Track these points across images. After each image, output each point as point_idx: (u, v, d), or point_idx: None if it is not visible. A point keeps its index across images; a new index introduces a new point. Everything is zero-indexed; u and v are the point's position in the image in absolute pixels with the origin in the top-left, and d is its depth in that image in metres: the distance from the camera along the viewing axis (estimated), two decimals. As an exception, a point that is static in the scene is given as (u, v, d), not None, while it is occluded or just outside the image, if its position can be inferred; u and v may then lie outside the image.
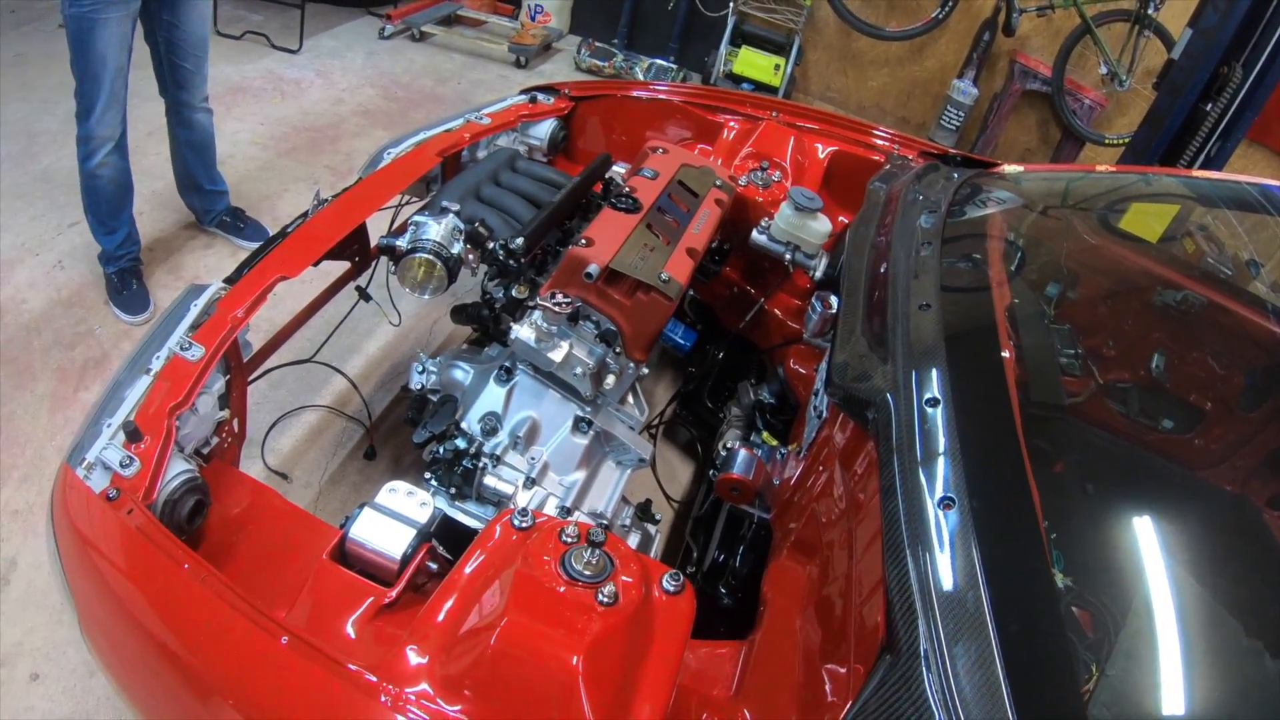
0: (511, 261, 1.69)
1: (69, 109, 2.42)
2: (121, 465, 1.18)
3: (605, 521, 1.71)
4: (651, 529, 1.88)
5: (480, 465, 1.59)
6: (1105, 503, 1.16)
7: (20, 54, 4.03)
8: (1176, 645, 0.94)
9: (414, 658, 0.99)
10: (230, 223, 2.99)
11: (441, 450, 1.61)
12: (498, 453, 1.67)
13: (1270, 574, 1.07)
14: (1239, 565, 1.09)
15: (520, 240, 1.68)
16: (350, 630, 1.12)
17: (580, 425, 1.73)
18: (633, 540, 1.81)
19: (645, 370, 1.81)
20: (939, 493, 1.05)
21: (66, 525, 1.16)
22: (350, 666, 0.97)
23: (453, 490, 1.60)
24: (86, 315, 2.63)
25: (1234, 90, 2.85)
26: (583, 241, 1.64)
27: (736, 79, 5.04)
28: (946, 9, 4.50)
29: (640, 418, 1.87)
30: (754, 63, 5.01)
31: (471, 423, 1.70)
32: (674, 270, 1.64)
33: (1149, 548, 1.07)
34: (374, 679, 0.96)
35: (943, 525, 1.01)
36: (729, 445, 1.80)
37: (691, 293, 2.47)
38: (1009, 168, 2.19)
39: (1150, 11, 4.24)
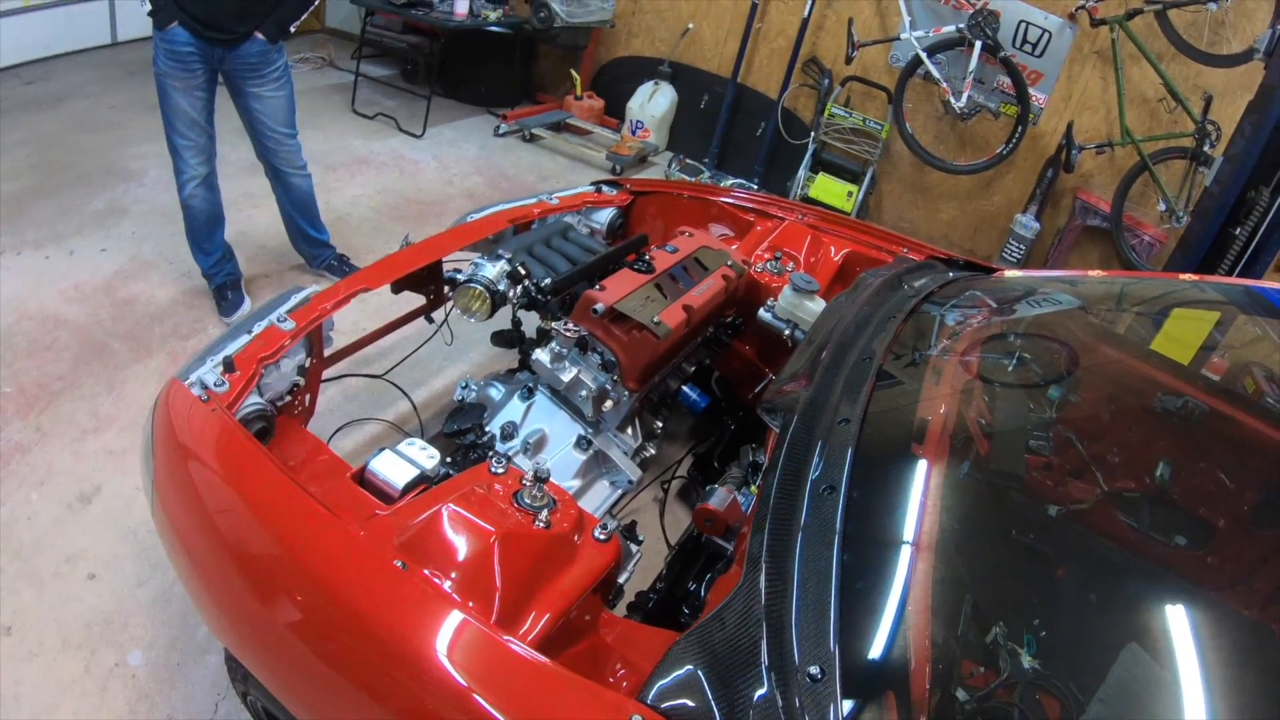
0: (540, 297, 2.07)
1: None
2: (215, 385, 1.58)
3: None
4: (634, 548, 2.15)
5: (490, 456, 1.93)
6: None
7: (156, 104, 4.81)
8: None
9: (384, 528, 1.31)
10: (336, 266, 3.52)
11: (462, 440, 1.96)
12: (510, 454, 2.01)
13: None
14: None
15: (549, 281, 2.07)
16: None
17: (581, 442, 2.06)
18: None
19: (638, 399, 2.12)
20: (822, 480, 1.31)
21: (164, 416, 1.54)
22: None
23: (464, 473, 1.94)
24: (203, 317, 3.16)
25: (1261, 213, 3.01)
26: (598, 287, 2.01)
27: (812, 203, 5.43)
28: (1011, 145, 4.73)
29: (634, 444, 2.18)
30: (829, 188, 5.40)
31: (494, 427, 2.06)
32: (667, 317, 1.98)
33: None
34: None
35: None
36: (714, 487, 2.08)
37: (716, 374, 2.79)
38: (1009, 273, 2.42)
39: (1206, 149, 4.30)
